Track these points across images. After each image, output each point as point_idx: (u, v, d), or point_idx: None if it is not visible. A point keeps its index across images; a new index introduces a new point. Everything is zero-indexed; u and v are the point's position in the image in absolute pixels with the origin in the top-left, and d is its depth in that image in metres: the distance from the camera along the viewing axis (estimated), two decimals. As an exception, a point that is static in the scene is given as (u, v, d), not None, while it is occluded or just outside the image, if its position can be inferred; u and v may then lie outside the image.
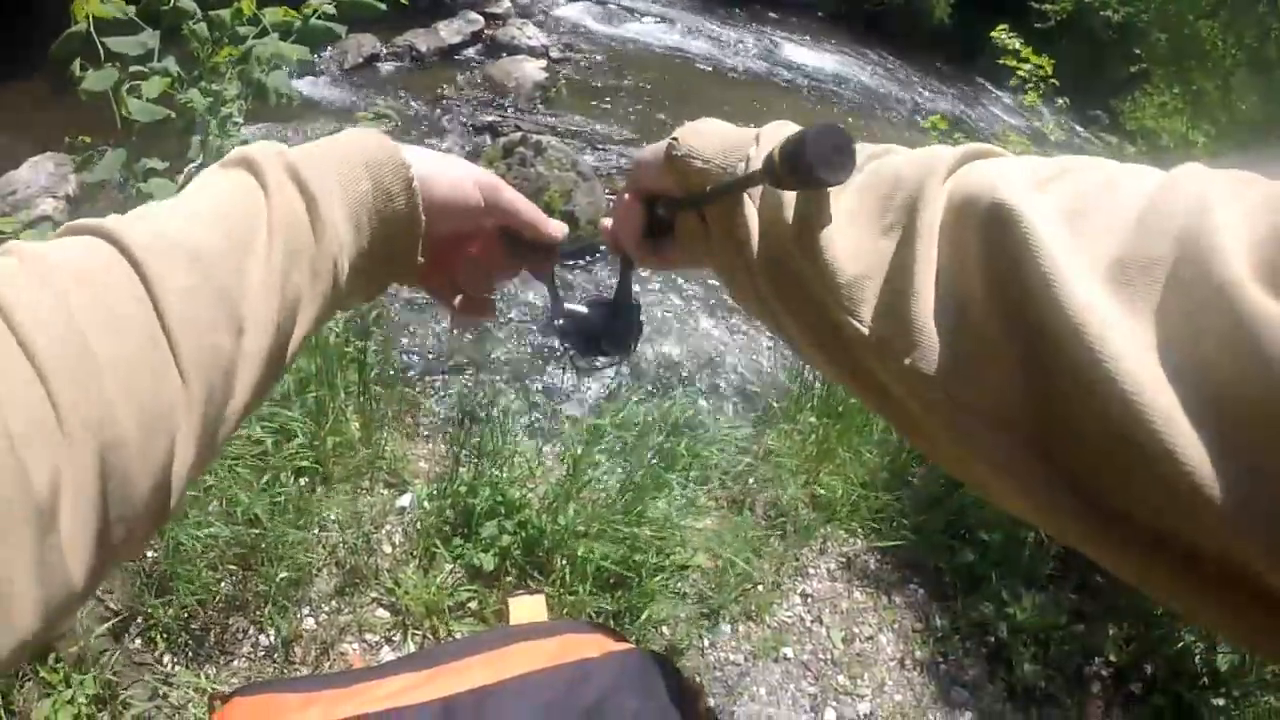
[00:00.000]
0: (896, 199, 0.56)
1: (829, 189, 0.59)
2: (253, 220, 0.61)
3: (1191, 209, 0.40)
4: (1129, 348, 0.38)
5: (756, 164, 0.65)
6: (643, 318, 0.90)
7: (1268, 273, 0.35)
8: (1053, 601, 3.19)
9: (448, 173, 0.76)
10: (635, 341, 0.90)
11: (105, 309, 0.48)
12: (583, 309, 0.87)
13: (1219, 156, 4.44)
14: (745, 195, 0.65)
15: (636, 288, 0.91)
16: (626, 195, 0.82)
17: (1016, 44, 5.14)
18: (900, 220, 0.54)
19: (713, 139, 0.73)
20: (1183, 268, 0.39)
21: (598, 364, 0.93)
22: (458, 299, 0.84)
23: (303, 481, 2.75)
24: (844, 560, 3.22)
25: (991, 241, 0.46)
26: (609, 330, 0.88)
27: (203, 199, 0.62)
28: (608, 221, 0.87)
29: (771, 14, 11.58)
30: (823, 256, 0.57)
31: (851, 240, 0.57)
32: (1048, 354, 0.41)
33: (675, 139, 0.74)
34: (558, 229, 0.84)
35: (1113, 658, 3.12)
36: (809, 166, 0.56)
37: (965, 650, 3.07)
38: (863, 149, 0.63)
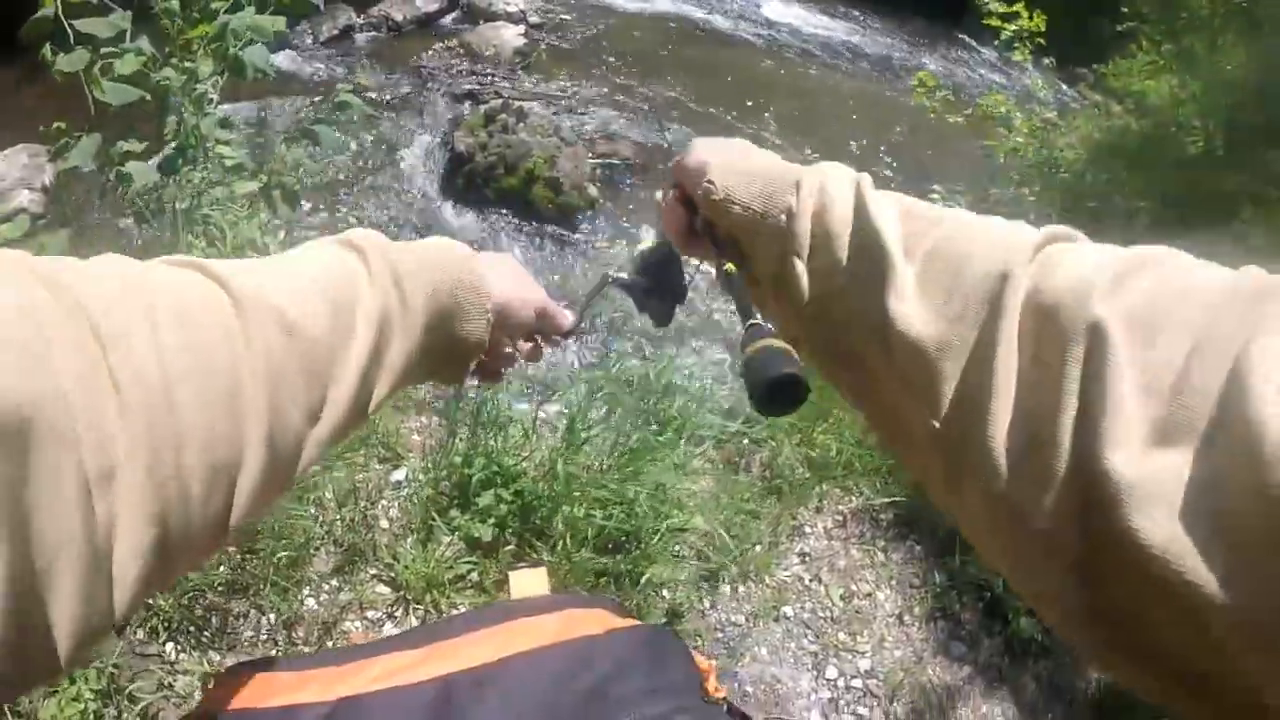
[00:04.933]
0: (966, 286, 0.55)
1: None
2: (354, 305, 0.65)
3: (1240, 364, 0.41)
4: (1163, 517, 0.40)
5: (800, 220, 0.69)
6: (690, 290, 1.00)
7: None
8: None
9: (520, 300, 0.89)
10: (674, 314, 1.01)
11: (197, 355, 0.48)
12: (623, 277, 1.01)
13: (1205, 118, 4.41)
14: (794, 258, 0.69)
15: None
16: (671, 193, 0.90)
17: (1001, 4, 5.10)
18: (972, 313, 0.54)
19: (751, 182, 0.75)
20: (1221, 415, 0.40)
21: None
22: (480, 370, 0.94)
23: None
24: (840, 518, 3.23)
25: (1077, 379, 0.47)
26: (650, 308, 1.00)
27: (310, 269, 0.64)
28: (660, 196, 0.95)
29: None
30: (891, 336, 0.58)
31: (918, 322, 0.56)
32: (1102, 510, 0.43)
33: (712, 182, 0.78)
34: (571, 323, 1.00)
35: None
36: (757, 391, 0.61)
37: (962, 605, 3.09)
38: (897, 200, 0.66)
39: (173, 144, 2.55)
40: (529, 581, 1.30)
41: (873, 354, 0.60)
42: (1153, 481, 0.41)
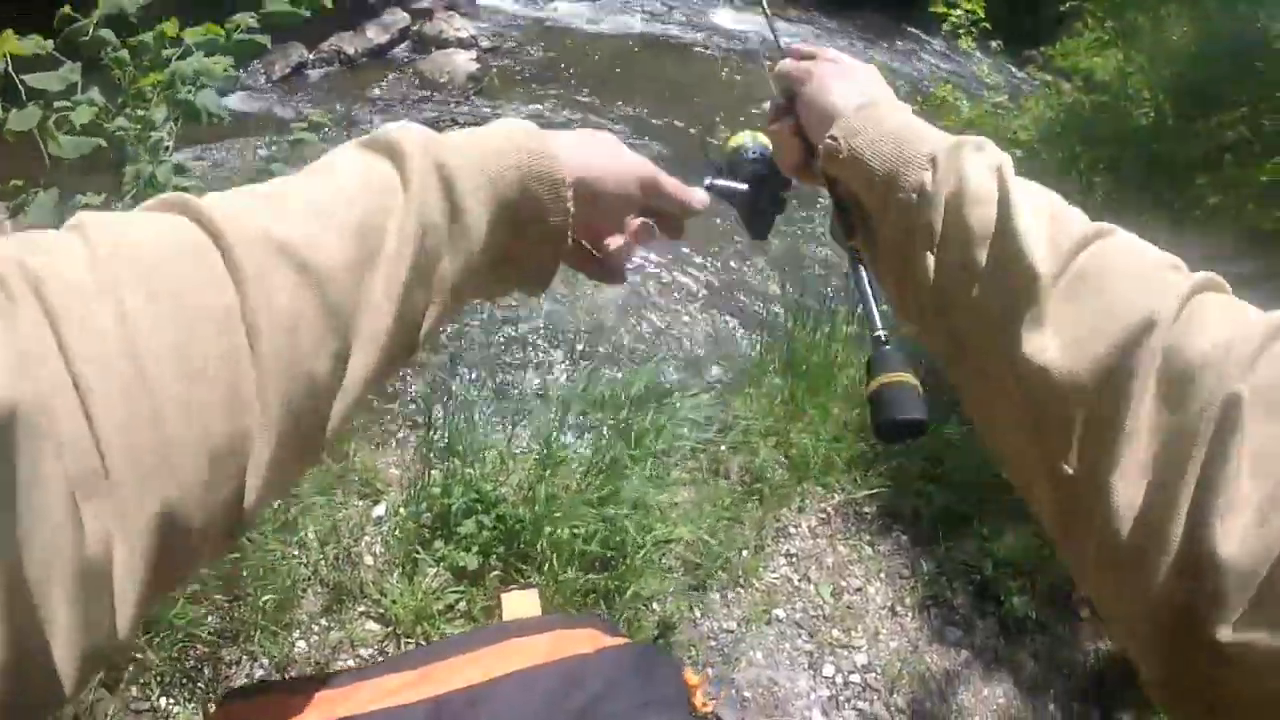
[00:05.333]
0: (1110, 327, 0.54)
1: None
2: (384, 221, 0.54)
3: None
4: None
5: (934, 205, 0.65)
6: (780, 206, 0.98)
7: None
8: (1034, 534, 3.23)
9: (613, 174, 0.73)
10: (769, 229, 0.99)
11: (177, 326, 0.42)
12: (727, 184, 0.95)
13: (1153, 89, 4.48)
14: (925, 250, 0.66)
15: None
16: (787, 123, 0.86)
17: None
18: (1114, 359, 0.53)
19: (880, 143, 0.71)
20: None
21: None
22: (585, 260, 0.82)
23: (277, 503, 2.73)
24: (824, 515, 3.25)
25: (1204, 449, 0.47)
26: (751, 219, 0.97)
27: (329, 187, 0.55)
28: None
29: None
30: (1022, 365, 0.56)
31: (1055, 358, 0.55)
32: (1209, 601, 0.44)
33: (836, 139, 0.74)
34: (701, 201, 0.84)
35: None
36: (883, 426, 0.64)
37: (953, 590, 3.11)
38: (1042, 198, 0.63)
39: (131, 193, 2.54)
40: (521, 603, 1.31)
41: (997, 372, 0.59)
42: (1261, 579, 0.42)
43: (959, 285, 0.63)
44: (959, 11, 5.13)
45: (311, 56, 7.56)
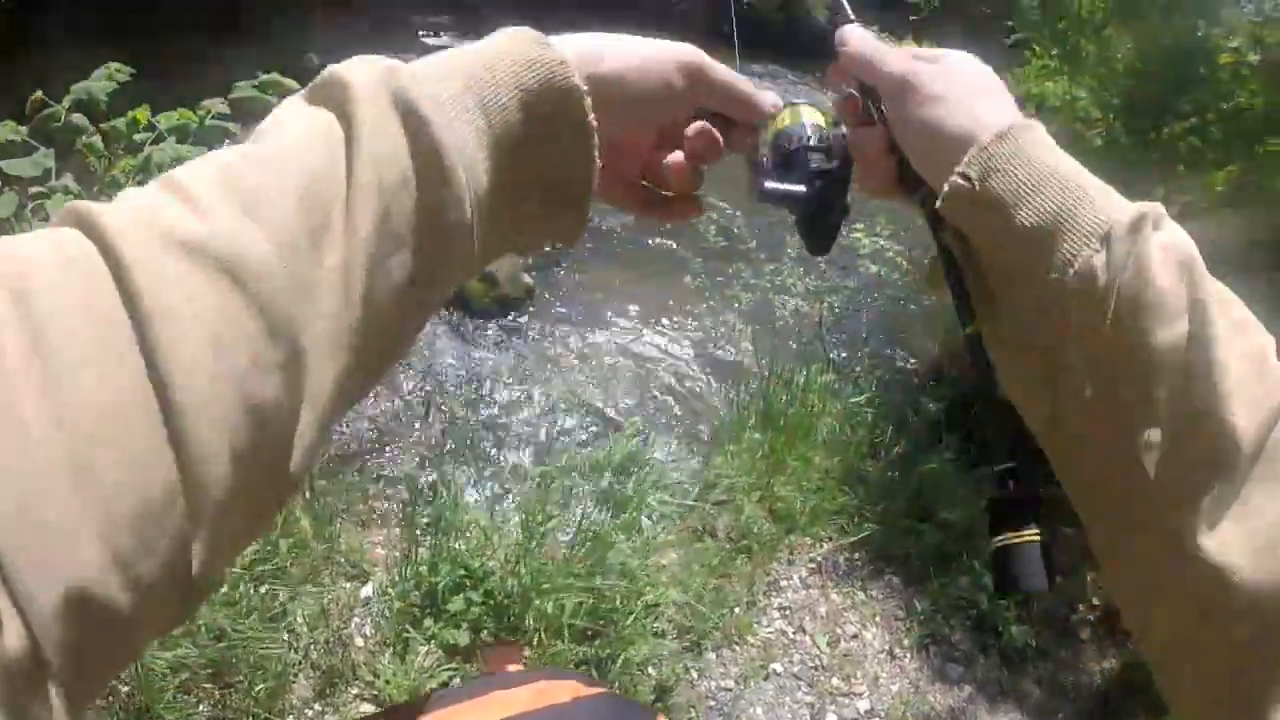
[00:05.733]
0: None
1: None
2: (330, 189, 0.42)
3: None
4: None
5: (1102, 302, 0.51)
6: (847, 209, 0.74)
7: None
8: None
9: (642, 66, 0.57)
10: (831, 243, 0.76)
11: (58, 377, 0.33)
12: (787, 188, 0.71)
13: (1103, 109, 4.60)
14: (1080, 363, 0.53)
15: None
16: (878, 136, 0.67)
17: (895, 41, 5.28)
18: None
19: (1033, 197, 0.55)
20: None
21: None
22: (652, 201, 0.67)
23: (264, 589, 2.71)
24: (814, 565, 3.24)
25: None
26: (813, 229, 0.75)
27: (263, 156, 0.43)
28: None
29: (638, 32, 11.63)
30: (1200, 556, 0.47)
31: (1258, 574, 0.47)
32: None
33: (969, 178, 0.57)
34: (773, 102, 0.67)
35: (1096, 601, 3.16)
36: (1012, 581, 0.56)
37: (951, 627, 3.10)
38: (1247, 329, 0.52)
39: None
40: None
41: (1155, 548, 0.50)
42: None
43: (1122, 424, 0.51)
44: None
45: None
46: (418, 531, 2.95)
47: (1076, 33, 5.12)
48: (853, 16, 0.73)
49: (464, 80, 0.48)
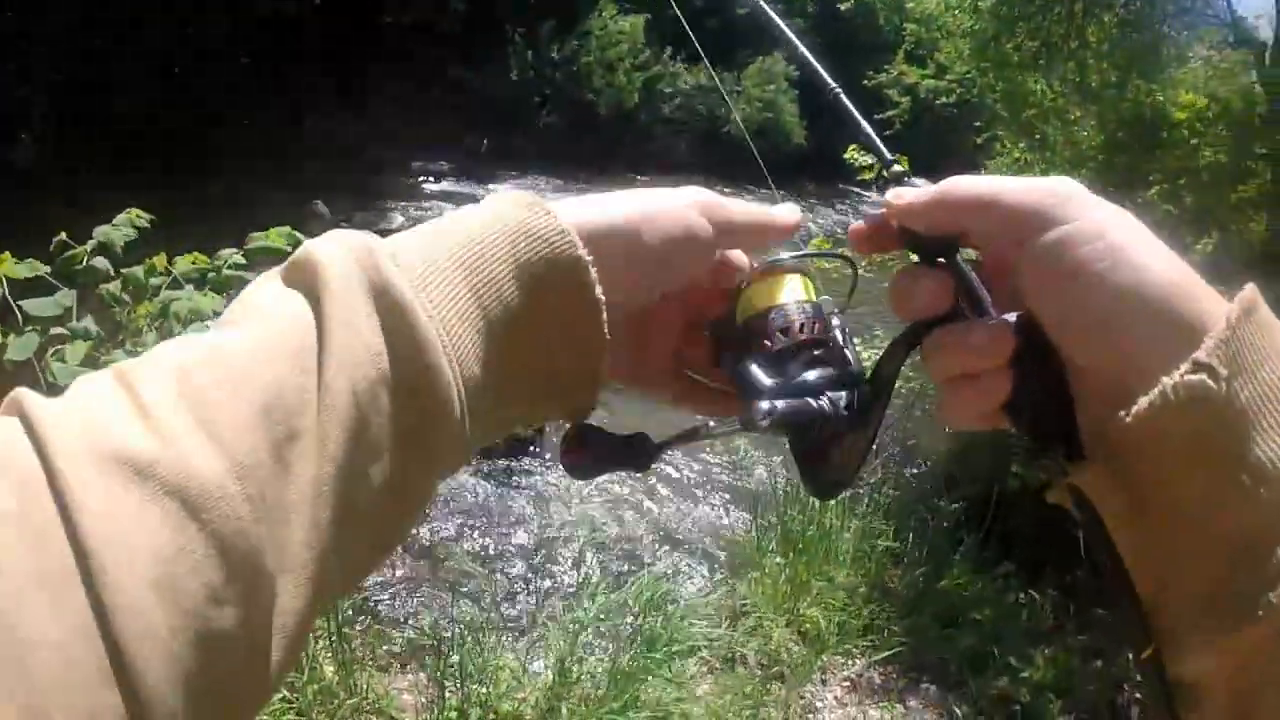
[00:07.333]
0: None
1: None
2: (297, 400, 0.38)
3: None
4: None
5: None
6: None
7: None
8: (1063, 649, 3.22)
9: (655, 213, 0.50)
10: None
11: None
12: (802, 410, 0.49)
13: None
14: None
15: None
16: (1000, 344, 0.46)
17: (868, 159, 5.47)
18: None
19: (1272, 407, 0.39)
20: None
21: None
22: (697, 393, 0.58)
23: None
24: (849, 683, 3.25)
25: None
26: (825, 465, 0.53)
27: (227, 351, 0.39)
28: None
29: (638, 176, 12.05)
30: None
31: None
32: None
33: (1210, 367, 0.38)
34: (795, 215, 0.57)
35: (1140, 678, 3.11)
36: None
37: (995, 725, 3.08)
38: None
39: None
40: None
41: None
42: None
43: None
44: (869, 159, 5.44)
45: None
46: (445, 679, 2.94)
47: (1043, 121, 5.29)
48: (889, 155, 0.55)
49: (450, 255, 0.44)
